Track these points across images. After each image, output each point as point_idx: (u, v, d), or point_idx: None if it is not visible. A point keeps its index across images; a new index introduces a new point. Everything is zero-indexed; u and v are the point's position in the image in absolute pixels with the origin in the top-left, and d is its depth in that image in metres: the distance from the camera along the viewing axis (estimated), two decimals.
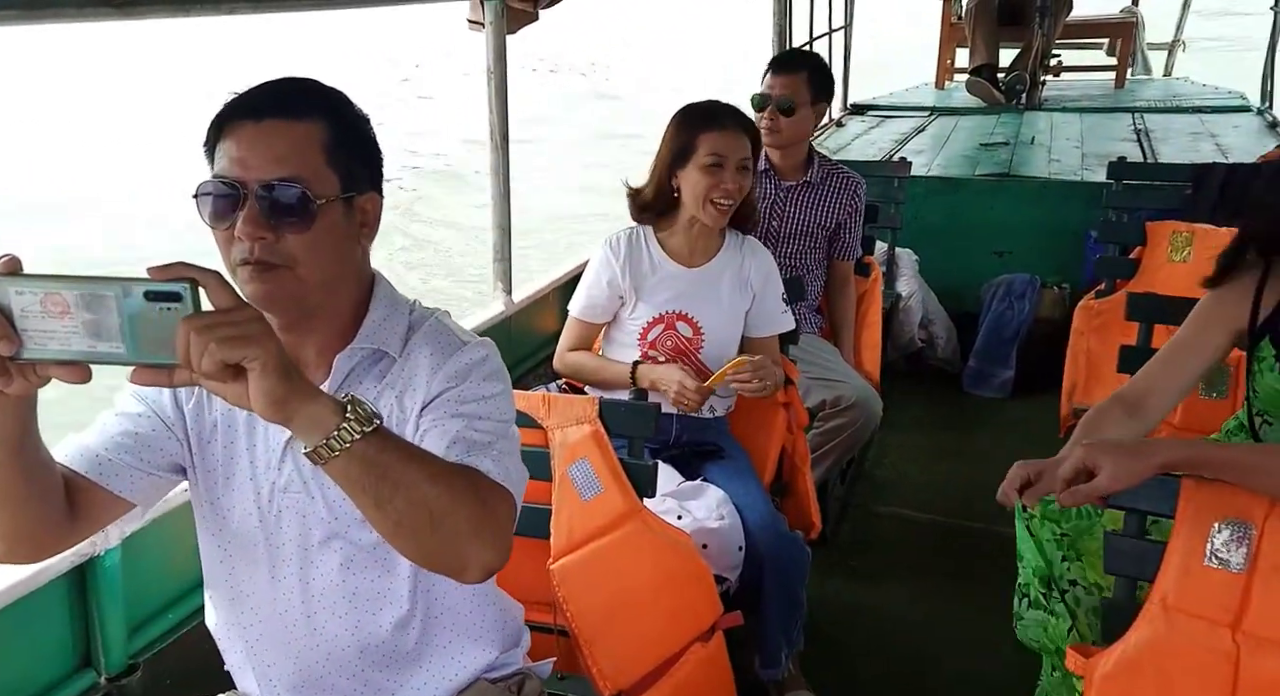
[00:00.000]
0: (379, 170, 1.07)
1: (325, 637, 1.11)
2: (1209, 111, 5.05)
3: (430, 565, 0.94)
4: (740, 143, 1.87)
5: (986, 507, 2.80)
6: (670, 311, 1.96)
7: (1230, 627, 1.18)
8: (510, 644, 1.23)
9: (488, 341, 1.10)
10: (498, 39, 2.06)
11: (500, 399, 1.05)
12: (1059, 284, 3.58)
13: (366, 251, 1.08)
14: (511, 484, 0.98)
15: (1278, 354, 1.44)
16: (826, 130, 5.14)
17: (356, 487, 0.86)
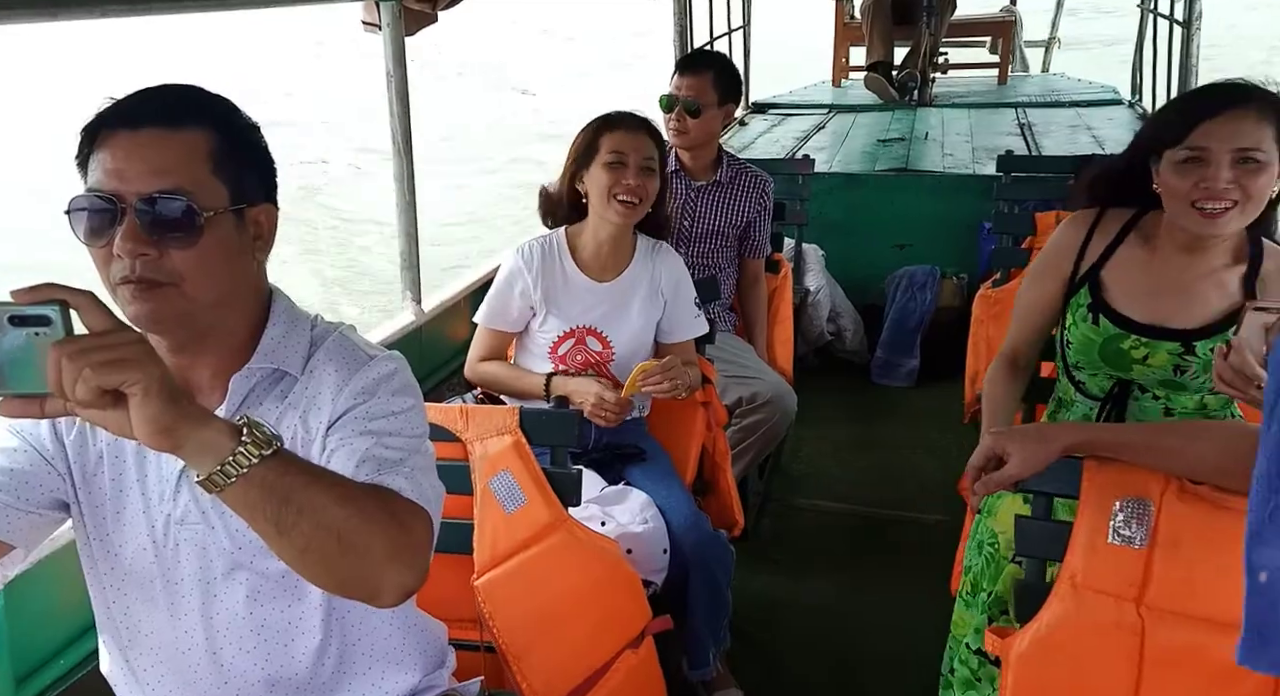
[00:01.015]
0: (272, 180, 1.02)
1: (233, 674, 1.05)
2: (1085, 105, 5.33)
3: (342, 591, 0.90)
4: (641, 141, 1.88)
5: (899, 495, 2.92)
6: (581, 326, 1.95)
7: (1135, 602, 1.24)
8: (434, 665, 1.20)
9: (396, 355, 1.06)
10: (396, 41, 2.00)
11: (412, 414, 1.02)
12: (958, 274, 3.71)
13: (262, 266, 1.03)
14: (427, 501, 0.95)
15: (1092, 303, 1.55)
16: (731, 129, 5.20)
17: (257, 514, 0.81)
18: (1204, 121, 1.38)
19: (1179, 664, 1.21)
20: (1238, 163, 1.37)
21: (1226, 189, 1.38)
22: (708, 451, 2.16)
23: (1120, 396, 1.61)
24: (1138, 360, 1.55)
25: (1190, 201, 1.40)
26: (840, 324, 3.80)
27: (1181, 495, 1.23)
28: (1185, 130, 1.39)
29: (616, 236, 1.94)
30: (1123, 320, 1.54)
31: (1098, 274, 1.57)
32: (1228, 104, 1.38)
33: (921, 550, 2.56)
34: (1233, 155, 1.37)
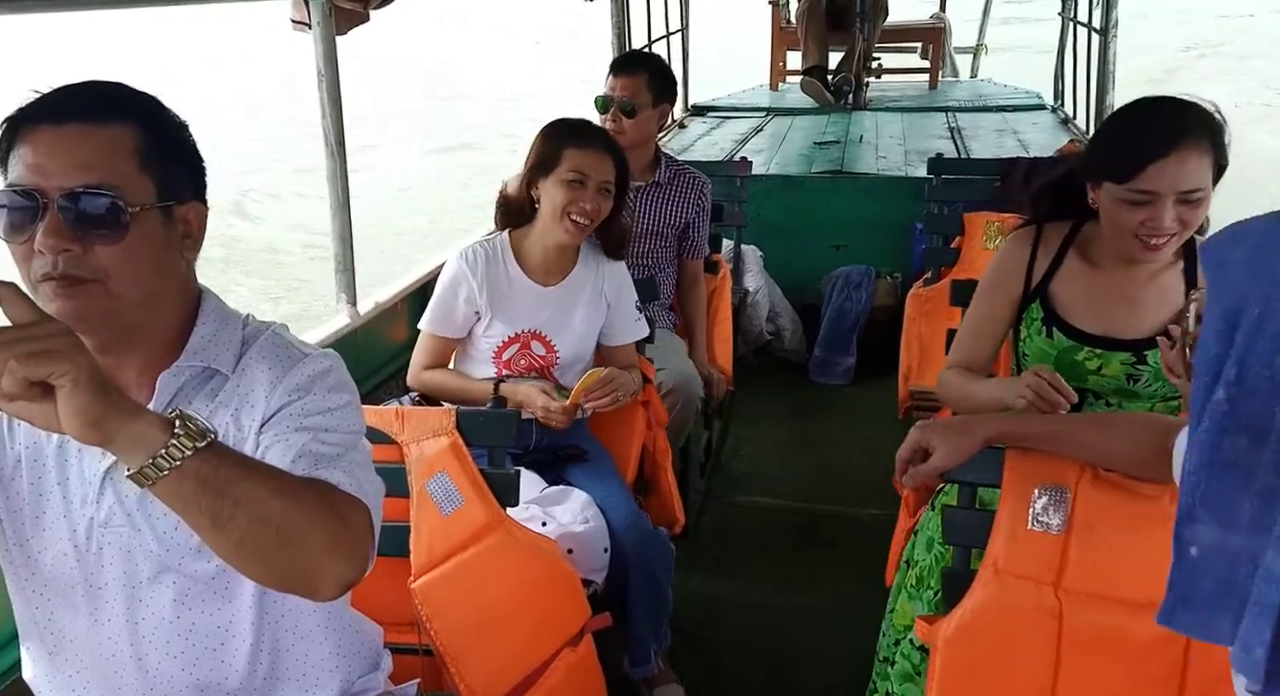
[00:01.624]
0: (202, 178, 1.00)
1: (160, 680, 1.03)
2: (1010, 110, 5.51)
3: (281, 585, 0.90)
4: (605, 164, 1.88)
5: (836, 491, 2.97)
6: (525, 330, 1.95)
7: (1053, 585, 1.29)
8: (369, 667, 1.19)
9: (331, 353, 1.05)
10: (326, 40, 1.97)
11: (348, 410, 1.02)
12: (892, 274, 3.79)
13: (191, 264, 1.02)
14: (366, 495, 0.95)
15: (1045, 316, 1.60)
16: (670, 131, 5.23)
17: (191, 508, 0.80)
18: (1151, 164, 1.39)
19: (1096, 644, 1.26)
20: (1180, 202, 1.41)
21: (1170, 226, 1.42)
22: (648, 450, 2.18)
23: (1075, 408, 1.66)
24: (1092, 371, 1.59)
25: (1134, 234, 1.45)
26: (779, 323, 3.85)
27: (1095, 482, 1.29)
28: (1133, 172, 1.41)
29: (564, 245, 1.95)
30: (1076, 333, 1.58)
31: (1047, 287, 1.61)
32: (1174, 143, 1.39)
33: (857, 544, 2.61)
34: (1177, 196, 1.41)
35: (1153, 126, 1.42)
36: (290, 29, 2.04)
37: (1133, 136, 1.43)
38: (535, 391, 1.88)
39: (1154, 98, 1.50)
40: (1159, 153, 1.39)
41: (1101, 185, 1.48)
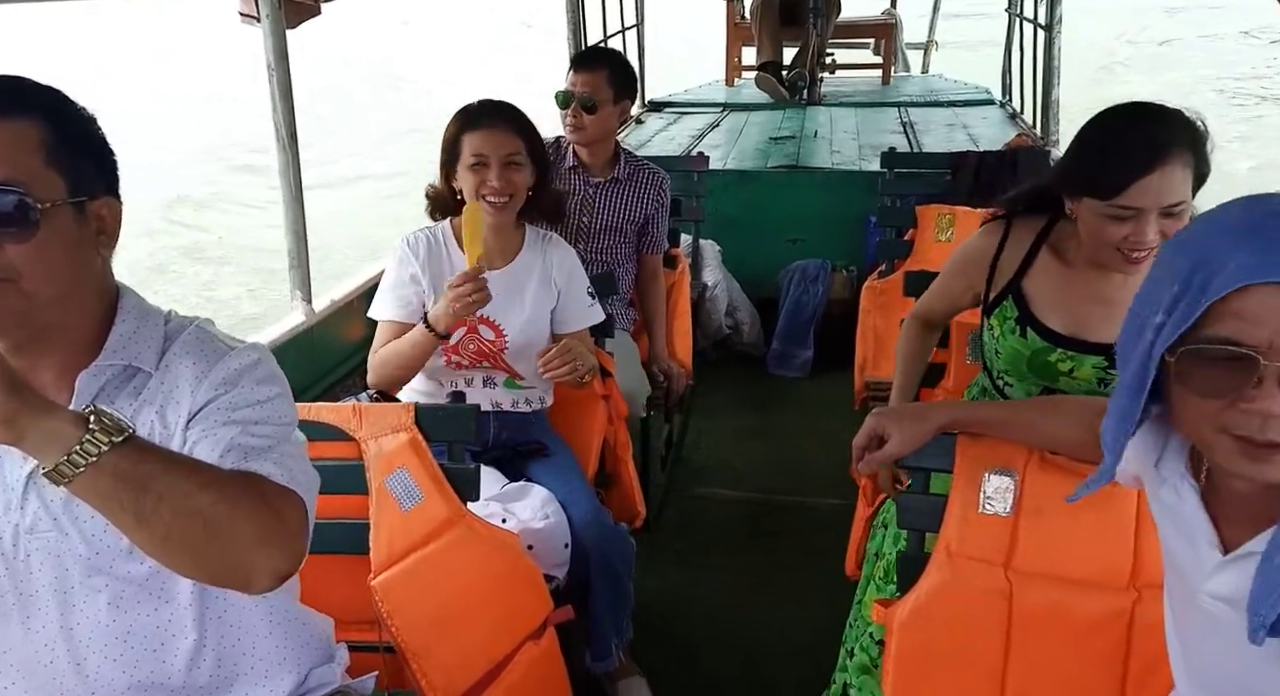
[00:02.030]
0: (114, 173, 0.98)
1: (100, 684, 1.02)
2: (961, 105, 5.61)
3: (213, 580, 0.89)
4: (503, 139, 1.86)
5: (795, 481, 3.01)
6: (473, 315, 1.94)
7: (1003, 566, 1.32)
8: (322, 661, 1.18)
9: (259, 345, 1.05)
10: (276, 34, 1.94)
11: (278, 402, 1.01)
12: (847, 267, 3.84)
13: (107, 261, 1.00)
14: (299, 486, 0.94)
15: (1019, 315, 1.59)
16: (627, 127, 5.24)
17: (112, 504, 0.80)
18: (1136, 182, 1.36)
19: (1043, 622, 1.30)
20: (1163, 216, 1.40)
21: (1153, 240, 1.40)
22: (609, 444, 2.18)
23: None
24: (1064, 372, 1.58)
25: (1116, 247, 1.44)
26: (738, 318, 3.89)
27: (1043, 465, 1.32)
28: (1118, 189, 1.38)
29: (497, 227, 1.94)
30: (1049, 333, 1.57)
31: (1020, 285, 1.59)
32: (1158, 159, 1.36)
33: (816, 534, 2.65)
34: (1160, 211, 1.39)
35: (1135, 142, 1.38)
36: (239, 22, 2.01)
37: (1115, 153, 1.39)
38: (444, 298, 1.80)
39: (1135, 107, 1.46)
40: (1143, 170, 1.36)
41: (1082, 199, 1.45)
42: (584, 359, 1.88)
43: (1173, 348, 0.79)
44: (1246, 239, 0.77)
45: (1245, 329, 0.76)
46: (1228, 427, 0.79)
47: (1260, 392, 0.76)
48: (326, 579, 1.53)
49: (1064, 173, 1.51)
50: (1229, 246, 0.77)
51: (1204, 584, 0.91)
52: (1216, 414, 0.79)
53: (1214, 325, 0.77)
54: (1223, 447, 0.80)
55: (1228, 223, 0.80)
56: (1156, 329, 0.80)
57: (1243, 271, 0.75)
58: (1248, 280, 0.75)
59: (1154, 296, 0.83)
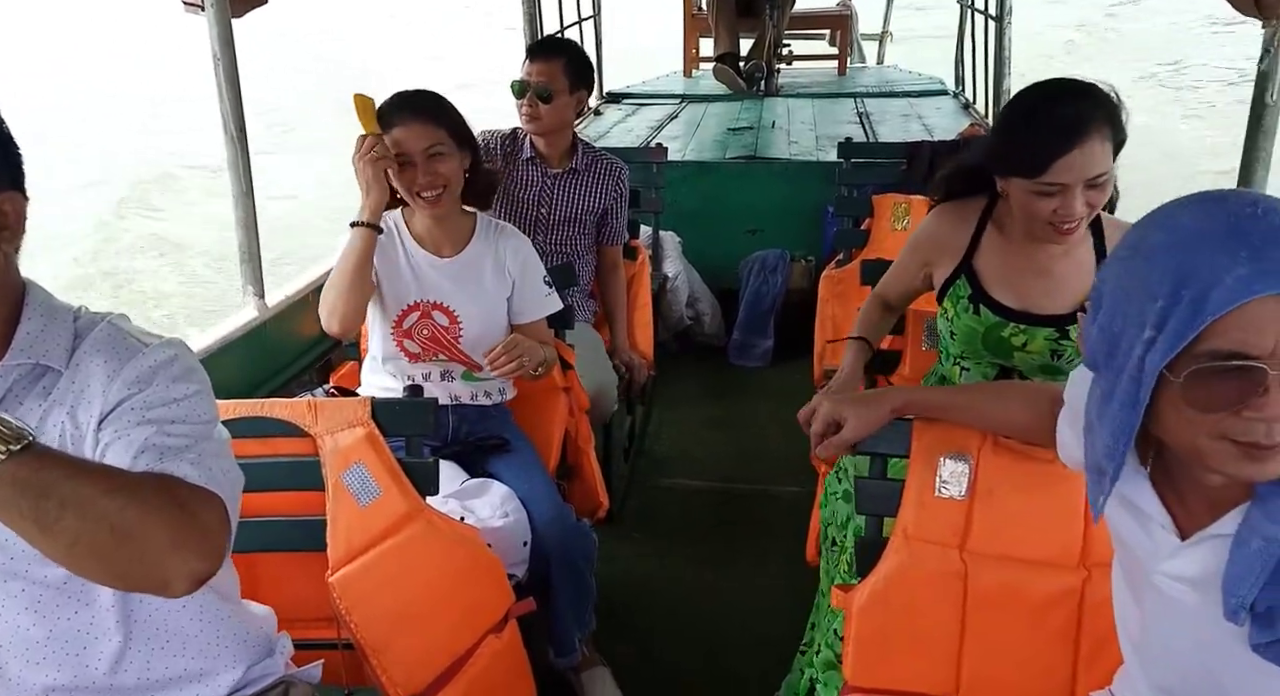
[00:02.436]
0: (18, 167, 0.95)
1: (24, 689, 1.00)
2: (915, 95, 5.67)
3: (126, 585, 0.88)
4: (423, 133, 1.81)
5: (757, 470, 3.03)
6: (425, 300, 1.91)
7: (958, 548, 1.34)
8: (262, 654, 1.17)
9: (176, 340, 1.02)
10: (222, 23, 1.90)
11: (196, 399, 0.98)
12: (805, 256, 3.87)
13: (11, 257, 0.96)
14: (218, 486, 0.92)
15: (971, 293, 1.64)
16: (586, 119, 5.22)
17: (13, 512, 0.78)
18: (1059, 158, 1.41)
19: (998, 601, 1.33)
20: (1088, 188, 1.45)
21: (1080, 211, 1.46)
22: (570, 436, 2.18)
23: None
24: (1018, 347, 1.63)
25: (1045, 222, 1.49)
26: (699, 308, 3.90)
27: (995, 449, 1.35)
28: (1042, 168, 1.43)
29: (440, 218, 1.91)
30: (1001, 308, 1.62)
31: (970, 264, 1.64)
32: (1077, 136, 1.40)
33: (777, 521, 2.68)
34: (1085, 183, 1.45)
35: (1054, 121, 1.42)
36: (183, 11, 1.95)
37: (1036, 133, 1.43)
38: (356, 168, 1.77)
39: (1051, 85, 1.50)
40: (1064, 148, 1.41)
41: (1010, 179, 1.50)
42: (532, 353, 1.86)
43: (1172, 364, 0.78)
44: (1230, 248, 0.75)
45: (1251, 340, 0.75)
46: (1229, 435, 0.78)
47: (1268, 400, 0.76)
48: (282, 576, 1.52)
49: (991, 154, 1.56)
50: (1214, 257, 0.76)
51: (1160, 566, 0.93)
52: (1217, 422, 0.78)
53: (1215, 339, 0.76)
54: (1219, 452, 0.80)
55: (1197, 228, 0.79)
56: (1146, 344, 0.79)
57: (1242, 285, 0.74)
58: (1250, 295, 0.74)
59: (1132, 310, 0.81)
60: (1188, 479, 0.90)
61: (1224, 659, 0.88)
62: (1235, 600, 0.83)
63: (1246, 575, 0.82)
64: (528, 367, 1.85)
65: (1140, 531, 0.95)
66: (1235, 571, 0.83)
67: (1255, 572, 0.81)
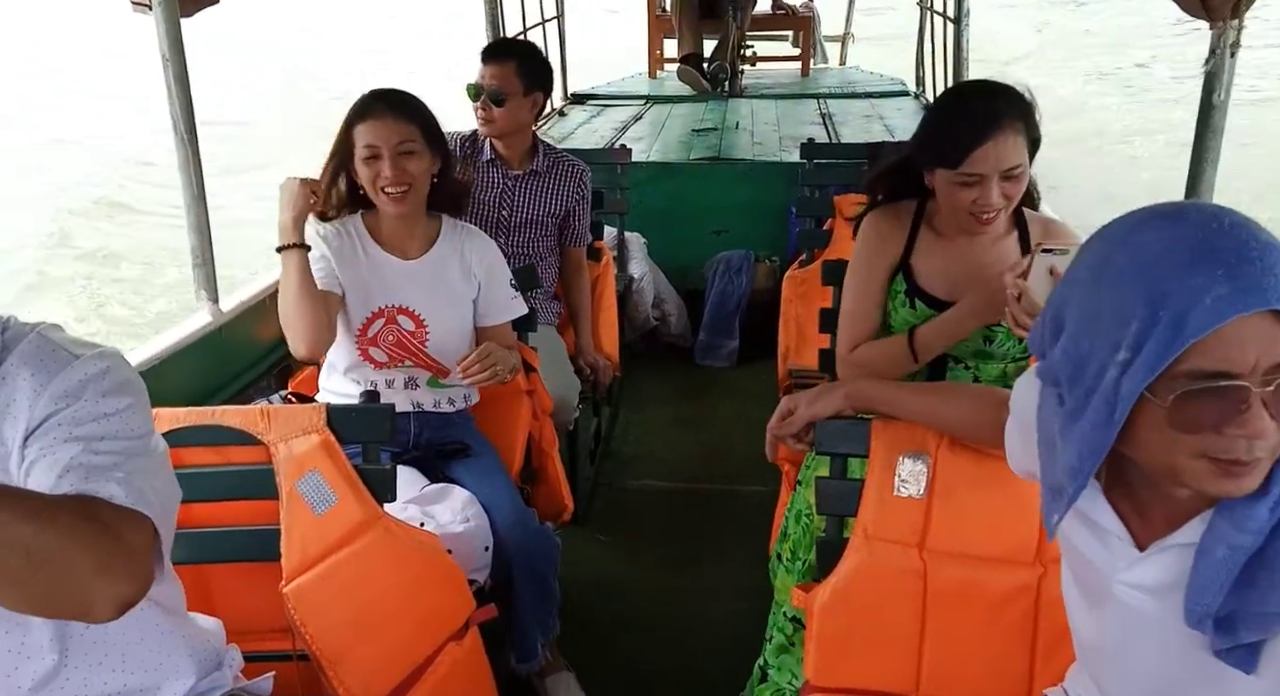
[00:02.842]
0: None
1: None
2: (877, 96, 5.73)
3: (44, 612, 0.85)
4: (394, 128, 1.79)
5: (722, 470, 3.04)
6: (390, 305, 1.89)
7: (918, 547, 1.35)
8: (210, 667, 1.14)
9: (110, 352, 0.98)
10: (170, 23, 1.86)
11: (128, 414, 0.95)
12: (770, 257, 3.89)
13: None
14: (148, 505, 0.89)
15: (908, 289, 1.70)
16: (550, 120, 5.20)
17: None
18: (975, 150, 1.51)
19: (956, 598, 1.34)
20: (1003, 179, 1.55)
21: (997, 202, 1.55)
22: (534, 440, 2.16)
23: (938, 369, 1.74)
24: None
25: (968, 212, 1.58)
26: (665, 309, 3.90)
27: (952, 447, 1.36)
28: (960, 159, 1.53)
29: (404, 218, 1.88)
30: (934, 301, 1.68)
31: (908, 261, 1.71)
32: (991, 128, 1.51)
33: (743, 520, 2.68)
34: (1000, 175, 1.54)
35: (971, 115, 1.54)
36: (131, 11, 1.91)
37: (954, 127, 1.55)
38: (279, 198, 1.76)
39: (968, 85, 1.63)
40: (978, 140, 1.51)
41: (935, 172, 1.59)
42: (504, 360, 1.85)
43: (1153, 386, 0.77)
44: (1205, 268, 0.75)
45: (1234, 358, 0.75)
46: (1210, 453, 0.78)
47: (1250, 416, 0.75)
48: (235, 587, 1.49)
49: (917, 149, 1.65)
50: (1189, 277, 0.75)
51: (1119, 575, 0.93)
52: (1198, 442, 0.78)
53: (1197, 359, 0.75)
54: (1199, 471, 0.79)
55: (1163, 248, 0.77)
56: (1121, 366, 0.78)
57: (1224, 304, 0.73)
58: (1232, 314, 0.73)
59: (1102, 332, 0.80)
60: (1149, 492, 0.90)
61: (1185, 665, 0.89)
62: (1201, 608, 0.83)
63: (1211, 583, 0.82)
64: (501, 375, 1.84)
65: (1097, 544, 0.96)
66: (1200, 580, 0.83)
67: (1220, 581, 0.81)
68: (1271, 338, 0.75)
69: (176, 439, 1.43)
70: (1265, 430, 0.76)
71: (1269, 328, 0.74)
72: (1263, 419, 0.76)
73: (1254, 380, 0.75)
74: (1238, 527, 0.81)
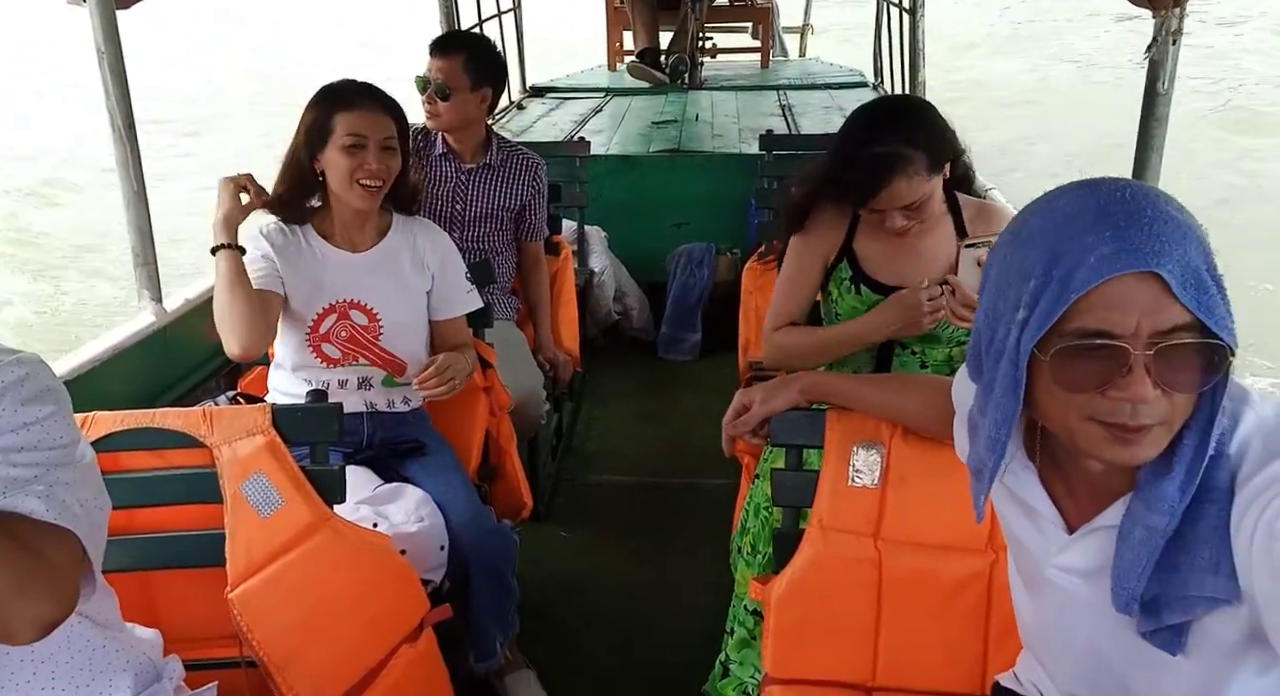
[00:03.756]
0: None
1: None
2: (836, 88, 5.75)
3: None
4: (380, 121, 1.78)
5: (685, 463, 3.03)
6: (342, 300, 1.85)
7: (872, 536, 1.35)
8: (148, 680, 1.11)
9: (29, 357, 0.94)
10: (105, 15, 1.80)
11: (49, 422, 0.91)
12: (731, 249, 3.88)
13: None
14: (73, 519, 0.86)
15: (853, 275, 1.73)
16: (508, 113, 5.15)
17: None
18: (874, 196, 1.61)
19: (911, 586, 1.34)
20: (905, 209, 1.62)
21: (899, 226, 1.65)
22: (492, 436, 2.14)
23: (885, 355, 1.76)
24: None
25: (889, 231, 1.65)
26: (626, 303, 3.88)
27: (905, 437, 1.36)
28: (863, 202, 1.64)
29: (363, 213, 1.85)
30: (879, 286, 1.71)
31: (851, 248, 1.75)
32: (889, 175, 1.59)
33: (706, 514, 2.67)
34: (902, 211, 1.63)
35: (869, 164, 1.61)
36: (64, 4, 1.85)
37: (855, 174, 1.63)
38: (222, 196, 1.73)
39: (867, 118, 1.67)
40: (876, 187, 1.61)
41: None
42: (461, 372, 1.84)
43: (1041, 343, 0.79)
44: (1096, 229, 0.77)
45: (1114, 319, 0.76)
46: (1096, 416, 0.79)
47: (1132, 379, 0.76)
48: (179, 594, 1.45)
49: (827, 180, 1.71)
50: (1081, 237, 0.77)
51: (1053, 559, 0.93)
52: (1085, 403, 0.79)
53: (1082, 317, 0.77)
54: (1090, 435, 0.80)
55: (1070, 212, 0.80)
56: (1021, 325, 0.80)
57: (1104, 263, 0.75)
58: (1110, 272, 0.75)
59: (1007, 292, 0.82)
60: (1075, 470, 0.91)
61: (1118, 647, 0.90)
62: (1125, 592, 0.83)
63: (1133, 567, 0.82)
64: (457, 388, 1.82)
65: (1031, 527, 0.96)
66: (1122, 564, 0.84)
67: (1141, 564, 0.82)
68: (1156, 303, 0.76)
69: (115, 443, 1.39)
70: (1145, 395, 0.77)
71: (1154, 293, 0.76)
72: (1144, 383, 0.77)
73: (1136, 343, 0.76)
74: (1150, 508, 0.81)
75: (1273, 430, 0.80)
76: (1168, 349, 0.76)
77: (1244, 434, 0.81)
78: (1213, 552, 0.79)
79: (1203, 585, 0.79)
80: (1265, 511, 0.76)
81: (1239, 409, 0.82)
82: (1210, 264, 0.77)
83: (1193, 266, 0.75)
